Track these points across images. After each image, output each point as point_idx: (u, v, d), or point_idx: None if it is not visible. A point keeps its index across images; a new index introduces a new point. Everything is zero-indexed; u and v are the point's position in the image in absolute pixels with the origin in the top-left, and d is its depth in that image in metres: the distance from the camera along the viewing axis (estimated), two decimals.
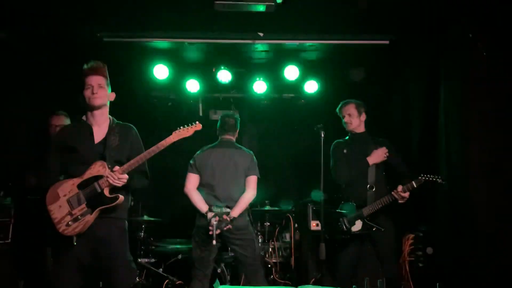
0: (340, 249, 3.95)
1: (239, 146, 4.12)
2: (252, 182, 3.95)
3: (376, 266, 3.87)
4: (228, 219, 3.73)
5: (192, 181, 3.95)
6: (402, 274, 4.10)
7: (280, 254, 5.08)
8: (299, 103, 5.96)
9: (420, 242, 4.13)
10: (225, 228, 3.70)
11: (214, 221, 3.66)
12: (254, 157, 4.05)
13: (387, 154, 3.92)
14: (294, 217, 5.15)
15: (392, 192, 3.76)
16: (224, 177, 3.91)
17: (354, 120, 4.05)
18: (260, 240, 4.98)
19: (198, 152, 4.06)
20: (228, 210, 3.81)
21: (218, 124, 4.18)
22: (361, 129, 4.09)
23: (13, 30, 4.05)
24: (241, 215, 3.84)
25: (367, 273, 3.89)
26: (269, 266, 4.94)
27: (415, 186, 3.71)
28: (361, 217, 3.84)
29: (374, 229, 3.79)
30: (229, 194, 3.89)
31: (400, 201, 3.77)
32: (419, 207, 4.38)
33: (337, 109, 4.15)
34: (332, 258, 4.30)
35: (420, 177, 3.72)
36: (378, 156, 3.92)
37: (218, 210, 3.81)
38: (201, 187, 3.96)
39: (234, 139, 4.15)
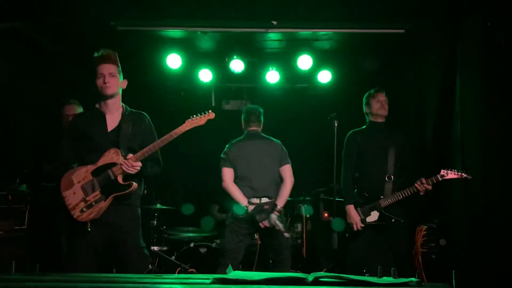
0: (352, 239, 3.93)
1: (267, 136, 4.15)
2: (288, 170, 4.01)
3: (388, 256, 3.85)
4: (277, 212, 3.82)
5: (228, 175, 3.98)
6: (414, 265, 4.08)
7: (292, 244, 5.08)
8: (312, 93, 5.92)
9: (433, 234, 4.09)
10: (277, 222, 3.78)
11: (275, 217, 3.77)
12: (283, 146, 4.10)
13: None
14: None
15: (416, 184, 3.68)
16: (259, 168, 3.95)
17: (387, 107, 3.99)
18: None
19: (227, 146, 4.08)
20: (266, 200, 3.87)
21: (243, 117, 4.20)
22: (384, 119, 4.03)
23: (28, 19, 4.08)
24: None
25: (380, 263, 3.86)
26: None
27: (440, 179, 3.64)
28: (377, 208, 3.81)
29: (393, 220, 3.76)
30: (266, 185, 3.94)
31: (421, 193, 3.71)
32: (433, 199, 4.33)
33: (372, 92, 4.03)
34: (344, 247, 4.29)
35: (445, 171, 3.64)
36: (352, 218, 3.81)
37: (257, 201, 3.86)
38: (236, 180, 3.98)
39: (260, 130, 4.17)
